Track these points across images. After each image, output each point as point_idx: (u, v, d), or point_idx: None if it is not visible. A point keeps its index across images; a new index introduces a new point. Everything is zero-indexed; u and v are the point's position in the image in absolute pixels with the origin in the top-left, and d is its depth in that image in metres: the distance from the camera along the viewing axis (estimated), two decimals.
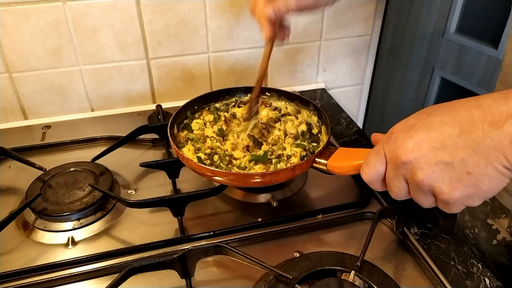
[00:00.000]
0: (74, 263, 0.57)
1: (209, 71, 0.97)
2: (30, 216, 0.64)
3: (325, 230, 0.63)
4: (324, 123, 0.69)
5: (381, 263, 0.57)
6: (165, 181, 0.71)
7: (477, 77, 1.59)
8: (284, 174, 0.59)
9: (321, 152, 0.59)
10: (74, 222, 0.63)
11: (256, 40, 0.95)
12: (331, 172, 0.58)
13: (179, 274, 0.53)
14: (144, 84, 0.94)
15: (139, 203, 0.61)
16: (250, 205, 0.68)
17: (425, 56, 1.75)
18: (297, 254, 0.58)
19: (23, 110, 0.90)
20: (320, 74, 1.06)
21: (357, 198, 0.67)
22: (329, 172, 0.58)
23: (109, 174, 0.70)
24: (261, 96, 0.78)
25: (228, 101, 0.78)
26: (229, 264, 0.57)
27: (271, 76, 1.02)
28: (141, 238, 0.61)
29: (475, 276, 0.56)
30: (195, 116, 0.75)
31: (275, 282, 0.51)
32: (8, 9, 0.78)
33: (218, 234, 0.61)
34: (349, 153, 0.58)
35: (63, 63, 0.87)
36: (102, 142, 0.83)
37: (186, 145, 0.68)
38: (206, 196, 0.64)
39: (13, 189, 0.71)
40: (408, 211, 0.64)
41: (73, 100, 0.92)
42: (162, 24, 0.87)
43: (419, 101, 1.78)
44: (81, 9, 0.82)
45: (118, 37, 0.86)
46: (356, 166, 0.55)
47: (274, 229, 0.62)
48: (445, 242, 0.61)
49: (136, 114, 0.93)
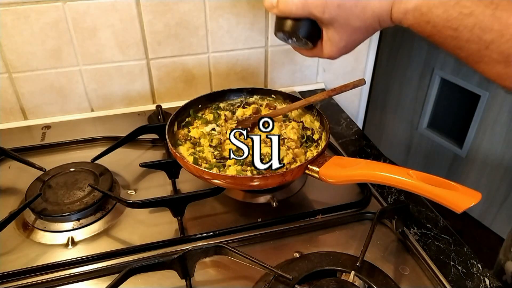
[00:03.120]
0: (74, 263, 0.57)
1: (209, 71, 0.97)
2: (30, 216, 0.64)
3: (325, 230, 0.63)
4: (324, 129, 0.69)
5: (381, 263, 0.57)
6: (165, 181, 0.71)
7: (477, 77, 1.58)
8: (273, 179, 0.58)
9: (315, 159, 0.59)
10: (74, 222, 0.63)
11: (256, 40, 0.95)
12: (322, 180, 0.57)
13: (179, 274, 0.53)
14: (144, 84, 0.94)
15: (139, 203, 0.61)
16: (250, 205, 0.68)
17: (425, 56, 1.75)
18: (297, 254, 0.58)
19: (23, 110, 0.90)
20: (320, 74, 1.06)
21: (357, 199, 0.67)
22: (321, 180, 0.57)
23: (109, 174, 0.70)
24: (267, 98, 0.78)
25: (233, 101, 0.78)
26: (229, 264, 0.57)
27: (271, 76, 1.02)
28: (141, 238, 0.61)
29: (475, 276, 0.56)
30: (197, 115, 0.75)
31: (275, 282, 0.51)
32: (8, 9, 0.78)
33: (218, 234, 0.61)
34: (343, 162, 0.58)
35: (63, 63, 0.87)
36: (102, 142, 0.83)
37: (184, 144, 0.68)
38: (206, 196, 0.64)
39: (13, 189, 0.71)
40: (408, 212, 0.64)
41: (73, 100, 0.92)
42: (162, 25, 0.87)
43: (419, 101, 1.78)
44: (81, 9, 0.82)
45: (118, 37, 0.86)
46: (348, 176, 0.55)
47: (274, 230, 0.62)
48: (445, 242, 0.61)
49: (136, 114, 0.93)
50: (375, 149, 0.82)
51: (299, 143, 0.70)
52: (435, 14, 0.44)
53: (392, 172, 0.51)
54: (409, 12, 0.46)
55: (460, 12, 0.42)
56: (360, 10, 0.49)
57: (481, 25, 0.41)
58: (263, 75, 1.01)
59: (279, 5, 0.52)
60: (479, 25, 0.41)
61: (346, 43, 0.53)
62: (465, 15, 0.42)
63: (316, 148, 0.69)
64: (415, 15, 0.46)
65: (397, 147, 1.97)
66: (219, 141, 0.70)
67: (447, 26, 0.43)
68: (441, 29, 0.44)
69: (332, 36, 0.53)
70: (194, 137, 0.70)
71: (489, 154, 1.61)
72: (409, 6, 0.46)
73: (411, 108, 1.82)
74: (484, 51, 0.42)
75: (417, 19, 0.46)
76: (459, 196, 0.45)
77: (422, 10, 0.45)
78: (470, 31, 0.42)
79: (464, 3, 0.42)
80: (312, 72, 1.04)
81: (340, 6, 0.49)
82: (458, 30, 0.42)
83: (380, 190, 0.70)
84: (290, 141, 0.69)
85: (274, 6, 0.52)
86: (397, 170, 0.51)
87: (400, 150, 1.96)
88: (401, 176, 0.49)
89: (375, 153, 0.81)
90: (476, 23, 0.41)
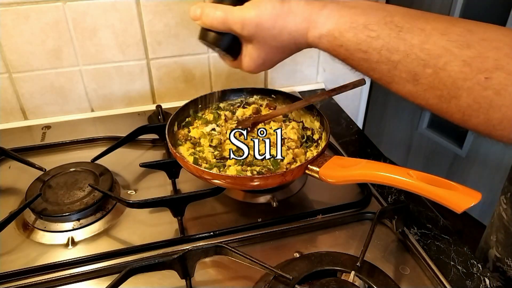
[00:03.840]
0: (74, 264, 0.57)
1: (209, 71, 0.96)
2: (30, 216, 0.64)
3: (325, 230, 0.63)
4: (324, 129, 0.69)
5: (381, 263, 0.57)
6: (165, 181, 0.71)
7: None
8: (273, 179, 0.58)
9: (315, 159, 0.59)
10: (74, 222, 0.63)
11: None
12: (323, 180, 0.57)
13: (179, 274, 0.53)
14: (144, 84, 0.94)
15: (139, 203, 0.61)
16: (250, 205, 0.68)
17: None
18: (297, 254, 0.58)
19: (23, 111, 0.90)
20: (320, 74, 1.06)
21: (357, 198, 0.67)
22: (321, 180, 0.58)
23: (109, 175, 0.70)
24: (267, 98, 0.78)
25: (233, 101, 0.78)
26: (229, 264, 0.57)
27: (271, 76, 1.02)
28: (141, 238, 0.61)
29: (475, 277, 0.56)
30: (197, 115, 0.75)
31: (275, 282, 0.51)
32: (8, 9, 0.78)
33: (218, 234, 0.61)
34: (343, 162, 0.58)
35: (63, 64, 0.87)
36: (102, 143, 0.83)
37: (184, 144, 0.68)
38: (206, 196, 0.64)
39: (13, 190, 0.71)
40: (408, 211, 0.64)
41: (73, 101, 0.92)
42: (162, 25, 0.87)
43: None
44: (81, 9, 0.82)
45: (118, 37, 0.86)
46: (348, 176, 0.55)
47: (274, 230, 0.62)
48: (445, 242, 0.61)
49: (136, 115, 0.93)
50: (375, 149, 0.82)
51: (299, 143, 0.70)
52: (346, 38, 0.46)
53: (392, 172, 0.51)
54: (323, 37, 0.49)
55: (368, 35, 0.45)
56: (277, 31, 0.51)
57: (388, 46, 0.43)
58: (263, 75, 1.01)
59: (202, 17, 0.54)
60: (386, 47, 0.44)
61: (264, 61, 0.56)
62: (373, 38, 0.44)
63: (316, 148, 0.69)
64: (328, 39, 0.48)
65: (397, 147, 1.97)
66: (219, 141, 0.69)
67: (357, 49, 0.46)
68: (353, 52, 0.47)
69: (251, 52, 0.55)
70: (194, 137, 0.70)
71: (489, 154, 1.61)
72: (323, 31, 0.48)
73: (411, 108, 1.82)
74: (393, 71, 0.44)
75: (331, 43, 0.48)
76: (459, 196, 0.45)
77: (335, 34, 0.47)
78: (378, 53, 0.44)
79: (371, 27, 0.45)
80: (312, 72, 1.04)
81: (258, 25, 0.51)
82: (368, 52, 0.45)
83: (380, 190, 0.70)
84: (290, 141, 0.69)
85: (198, 18, 0.54)
86: (397, 170, 0.51)
87: (400, 150, 1.96)
88: (401, 176, 0.49)
89: (375, 153, 0.81)
90: (383, 45, 0.44)
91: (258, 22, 0.51)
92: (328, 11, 0.48)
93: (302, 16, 0.50)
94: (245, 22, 0.51)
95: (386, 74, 0.45)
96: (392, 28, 0.43)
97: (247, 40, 0.54)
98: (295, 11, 0.50)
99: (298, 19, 0.50)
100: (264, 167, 0.63)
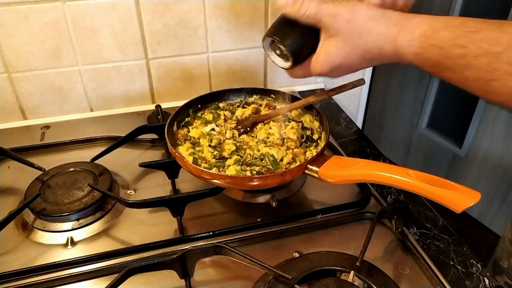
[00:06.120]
0: (73, 263, 0.57)
1: (209, 71, 0.96)
2: (29, 216, 0.64)
3: (325, 230, 0.63)
4: (324, 129, 0.69)
5: (381, 263, 0.57)
6: (165, 181, 0.71)
7: None
8: (273, 179, 0.58)
9: (315, 159, 0.59)
10: (73, 222, 0.63)
11: (256, 40, 0.95)
12: (322, 180, 0.57)
13: (179, 274, 0.53)
14: (143, 84, 0.94)
15: (138, 203, 0.61)
16: (249, 205, 0.68)
17: None
18: (296, 254, 0.58)
19: (22, 110, 0.90)
20: None
21: (356, 198, 0.67)
22: (321, 180, 0.58)
23: (108, 174, 0.70)
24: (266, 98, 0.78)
25: (232, 101, 0.78)
26: (228, 264, 0.57)
27: (270, 76, 1.02)
28: (141, 238, 0.61)
29: (475, 276, 0.56)
30: (197, 114, 0.75)
31: (274, 282, 0.51)
32: (7, 9, 0.78)
33: (217, 234, 0.61)
34: (342, 161, 0.58)
35: (62, 63, 0.87)
36: (101, 142, 0.82)
37: (184, 144, 0.68)
38: (205, 196, 0.64)
39: (12, 189, 0.71)
40: (407, 211, 0.64)
41: (72, 100, 0.92)
42: (161, 24, 0.87)
43: (419, 100, 1.78)
44: (81, 9, 0.82)
45: (117, 37, 0.86)
46: (347, 176, 0.55)
47: (274, 229, 0.62)
48: (444, 242, 0.61)
49: (136, 114, 0.93)
50: (375, 149, 0.82)
51: (299, 143, 0.70)
52: (441, 36, 0.45)
53: (392, 172, 0.51)
54: (414, 39, 0.47)
55: (465, 30, 0.43)
56: (366, 30, 0.50)
57: (489, 39, 0.41)
58: (262, 75, 1.01)
59: (294, 5, 0.53)
60: (486, 39, 0.41)
61: (341, 62, 0.54)
62: (471, 32, 0.43)
63: (316, 148, 0.69)
64: (420, 40, 0.47)
65: (396, 147, 1.97)
66: (218, 141, 0.70)
67: (454, 44, 0.44)
68: (448, 49, 0.44)
69: (330, 50, 0.53)
70: (194, 137, 0.70)
71: (488, 154, 1.61)
72: (414, 34, 0.47)
73: (410, 108, 1.82)
74: (494, 64, 0.41)
75: (423, 44, 0.47)
76: (459, 196, 0.45)
77: (428, 33, 0.46)
78: (477, 46, 0.42)
79: (469, 24, 0.43)
80: None
81: (350, 21, 0.51)
82: (465, 46, 0.43)
83: (379, 190, 0.70)
84: (289, 141, 0.69)
85: (288, 4, 0.53)
86: (397, 170, 0.51)
87: (400, 150, 1.96)
88: (401, 176, 0.49)
89: (375, 153, 0.81)
90: (483, 38, 0.42)
91: (351, 18, 0.51)
92: (421, 18, 0.48)
93: (394, 20, 0.49)
94: (338, 15, 0.51)
95: (485, 69, 0.42)
96: (492, 23, 0.42)
97: (332, 35, 0.53)
98: (389, 16, 0.50)
99: (391, 23, 0.50)
100: (263, 167, 0.63)
